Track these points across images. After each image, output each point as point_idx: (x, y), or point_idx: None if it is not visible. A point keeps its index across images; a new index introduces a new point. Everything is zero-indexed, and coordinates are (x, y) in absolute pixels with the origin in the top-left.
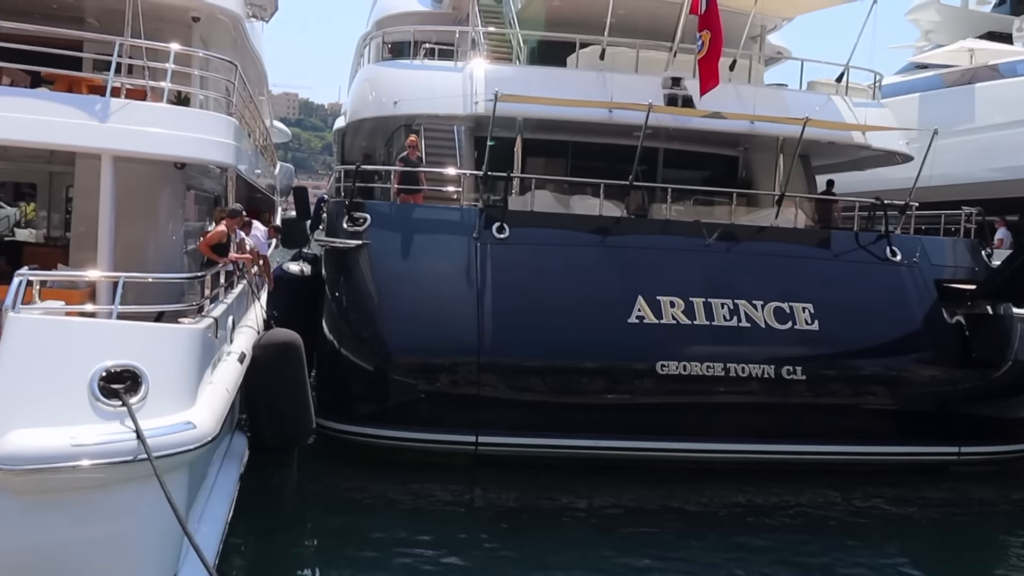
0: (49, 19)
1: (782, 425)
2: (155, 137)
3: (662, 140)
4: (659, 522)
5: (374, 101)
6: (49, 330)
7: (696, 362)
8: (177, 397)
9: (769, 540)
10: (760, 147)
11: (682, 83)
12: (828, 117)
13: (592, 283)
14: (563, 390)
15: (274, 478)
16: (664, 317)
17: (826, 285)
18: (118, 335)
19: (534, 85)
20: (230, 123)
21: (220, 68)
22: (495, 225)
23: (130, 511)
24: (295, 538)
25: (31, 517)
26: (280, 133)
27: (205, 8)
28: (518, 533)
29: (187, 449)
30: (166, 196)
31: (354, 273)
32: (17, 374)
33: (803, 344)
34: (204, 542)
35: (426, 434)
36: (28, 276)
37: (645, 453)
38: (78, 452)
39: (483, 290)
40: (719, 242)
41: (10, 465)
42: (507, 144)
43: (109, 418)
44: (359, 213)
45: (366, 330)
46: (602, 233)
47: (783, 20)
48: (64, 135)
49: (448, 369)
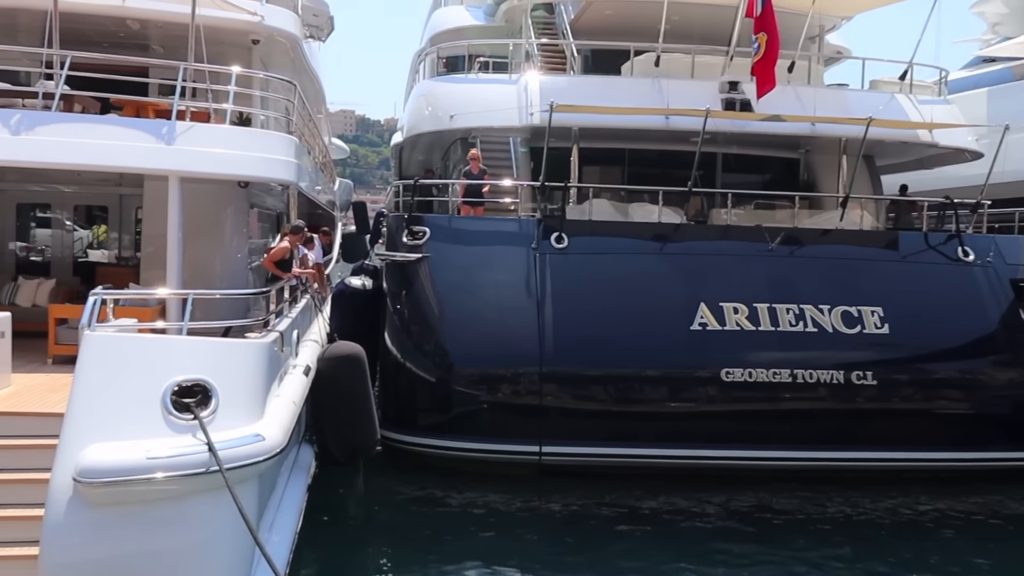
0: (116, 47)
1: (852, 431)
2: (219, 157)
3: (720, 145)
4: (724, 531)
5: (430, 116)
6: (123, 347)
7: (762, 368)
8: (246, 410)
9: (842, 549)
10: (822, 149)
11: (739, 87)
12: (892, 116)
13: (653, 291)
14: (626, 399)
15: (340, 489)
16: (728, 323)
17: (895, 288)
18: (188, 350)
19: (589, 94)
20: (291, 141)
21: (280, 88)
22: (553, 235)
23: (203, 522)
24: (362, 548)
25: (108, 528)
26: (338, 150)
27: (264, 31)
28: (583, 542)
29: (257, 461)
30: (231, 214)
31: (415, 286)
32: (93, 390)
33: (873, 348)
34: (275, 552)
35: (490, 444)
36: (102, 295)
37: (710, 462)
38: (152, 465)
39: (543, 300)
40: (782, 246)
41: (88, 478)
42: (563, 154)
43: (181, 431)
44: (418, 227)
45: (428, 342)
46: (662, 240)
47: (842, 19)
48: (133, 158)
49: (510, 380)
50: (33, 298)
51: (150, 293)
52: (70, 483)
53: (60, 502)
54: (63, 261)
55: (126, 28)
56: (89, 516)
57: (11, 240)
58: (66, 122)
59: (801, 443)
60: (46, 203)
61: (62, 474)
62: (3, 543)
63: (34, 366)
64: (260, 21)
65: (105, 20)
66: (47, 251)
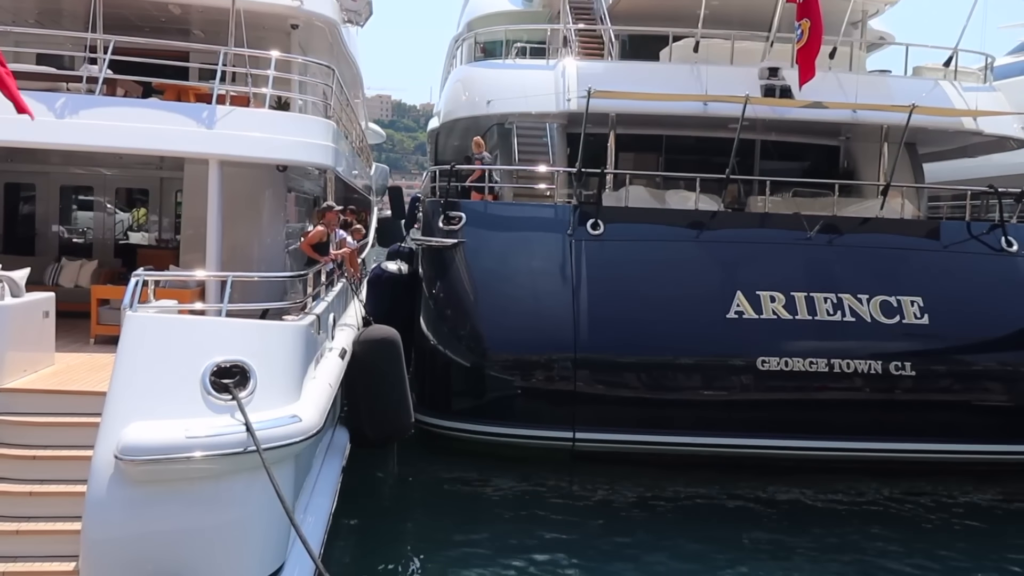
0: (158, 32)
1: (889, 422)
2: (259, 141)
3: (759, 132)
4: (756, 520)
5: (467, 101)
6: (164, 327)
7: (798, 358)
8: (283, 391)
9: (877, 541)
10: (863, 136)
11: (779, 73)
12: (936, 103)
13: (689, 278)
14: (660, 386)
15: (375, 471)
16: (764, 312)
17: (936, 278)
18: (228, 332)
19: (627, 80)
20: (329, 126)
21: (318, 73)
22: (589, 221)
23: (240, 501)
24: (396, 530)
25: (148, 505)
26: (375, 134)
27: (303, 15)
28: (615, 528)
29: (293, 442)
30: (269, 198)
31: (450, 271)
32: (135, 369)
33: (912, 339)
34: (309, 533)
35: (523, 430)
36: (144, 277)
37: (745, 451)
38: (192, 444)
39: (578, 286)
40: (821, 235)
41: (129, 456)
42: (600, 140)
43: (220, 411)
44: (454, 212)
45: (463, 327)
46: (698, 227)
47: (886, 4)
48: (174, 142)
49: (544, 365)
50: (76, 279)
51: (191, 275)
52: (112, 460)
53: (102, 479)
54: (105, 243)
55: (168, 13)
56: (130, 493)
57: (55, 222)
58: (109, 106)
59: (837, 433)
60: (88, 186)
61: (104, 451)
62: (47, 518)
63: (77, 346)
64: (299, 6)
65: (147, 5)
66: (89, 233)
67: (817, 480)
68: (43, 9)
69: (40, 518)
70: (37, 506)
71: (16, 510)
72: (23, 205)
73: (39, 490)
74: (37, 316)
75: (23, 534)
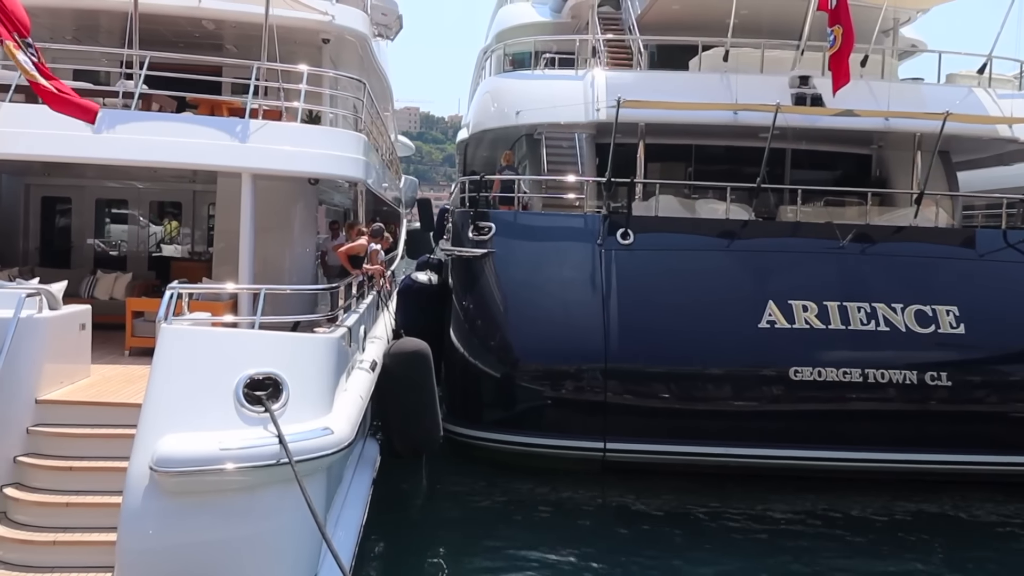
0: (191, 47)
1: (924, 433)
2: (291, 155)
3: (789, 140)
4: (788, 532)
5: (496, 112)
6: (198, 340)
7: (832, 367)
8: (315, 404)
9: (910, 552)
10: (895, 144)
11: (810, 81)
12: (970, 111)
13: (720, 288)
14: (692, 397)
15: (404, 483)
16: (797, 322)
17: (972, 287)
18: (261, 344)
19: (656, 90)
20: (359, 139)
21: (349, 87)
22: (619, 231)
23: (272, 513)
24: (427, 542)
25: (182, 516)
26: (404, 147)
27: (334, 30)
28: (646, 540)
29: (325, 454)
30: (300, 211)
31: (480, 281)
32: (169, 381)
33: (948, 349)
34: (340, 545)
35: (554, 440)
36: (178, 289)
37: (777, 461)
38: (225, 456)
39: (608, 296)
40: (853, 243)
41: (164, 467)
42: (628, 149)
43: (253, 424)
44: (484, 222)
45: (492, 337)
46: (729, 237)
47: (917, 12)
48: (209, 156)
49: (574, 376)
50: (111, 291)
51: (225, 288)
52: (147, 472)
53: (137, 490)
54: (139, 256)
55: (201, 28)
56: (165, 504)
57: (90, 235)
58: (145, 120)
59: (871, 444)
60: (123, 199)
61: (139, 463)
62: (84, 528)
63: (112, 357)
64: (331, 20)
65: (181, 21)
66: (122, 246)
67: (850, 490)
68: (80, 26)
69: (76, 528)
70: (73, 517)
71: (53, 521)
72: (59, 218)
73: (75, 501)
74: (74, 328)
75: (60, 544)
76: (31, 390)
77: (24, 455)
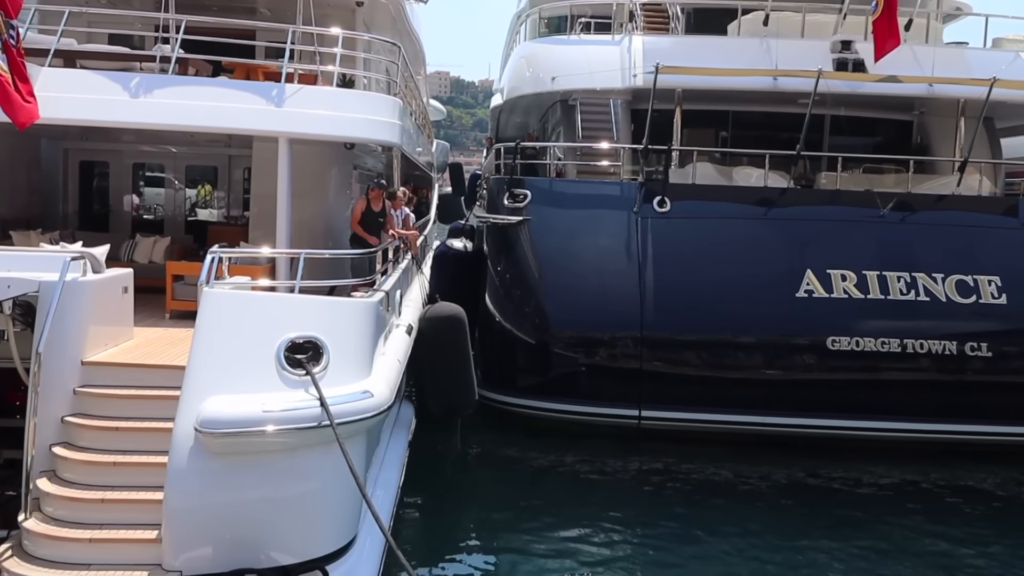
0: (225, 11)
1: (963, 404)
2: (327, 119)
3: (829, 106)
4: (824, 500)
5: (531, 77)
6: (240, 303)
7: (870, 337)
8: (354, 367)
9: (943, 525)
10: (938, 110)
11: (853, 46)
12: (1017, 76)
13: (758, 256)
14: (727, 365)
15: (439, 446)
16: (835, 291)
17: (1014, 256)
18: (301, 308)
19: (694, 55)
20: (395, 103)
21: (382, 50)
22: (656, 199)
23: (314, 474)
24: (461, 504)
25: (227, 476)
26: (436, 111)
27: None
28: (679, 507)
29: (366, 416)
30: (335, 175)
31: (515, 248)
32: (212, 344)
33: (989, 319)
34: (380, 506)
35: (588, 407)
36: (220, 254)
37: (814, 431)
38: (267, 418)
39: (644, 264)
40: (894, 212)
41: (208, 428)
42: (665, 116)
43: (294, 386)
44: (519, 189)
45: (528, 304)
46: (767, 205)
47: None
48: (244, 120)
49: (609, 343)
50: (150, 255)
51: (266, 252)
52: (192, 433)
53: (183, 450)
54: (176, 220)
55: None
56: (209, 464)
57: (128, 199)
58: (182, 85)
59: (909, 414)
60: (160, 164)
61: (184, 424)
62: (131, 487)
63: (153, 320)
64: None
65: None
66: (159, 210)
67: (886, 460)
68: None
69: (123, 487)
70: (120, 476)
71: (101, 479)
72: (97, 182)
73: (122, 460)
74: (117, 291)
75: (108, 503)
76: (77, 352)
77: (72, 415)
